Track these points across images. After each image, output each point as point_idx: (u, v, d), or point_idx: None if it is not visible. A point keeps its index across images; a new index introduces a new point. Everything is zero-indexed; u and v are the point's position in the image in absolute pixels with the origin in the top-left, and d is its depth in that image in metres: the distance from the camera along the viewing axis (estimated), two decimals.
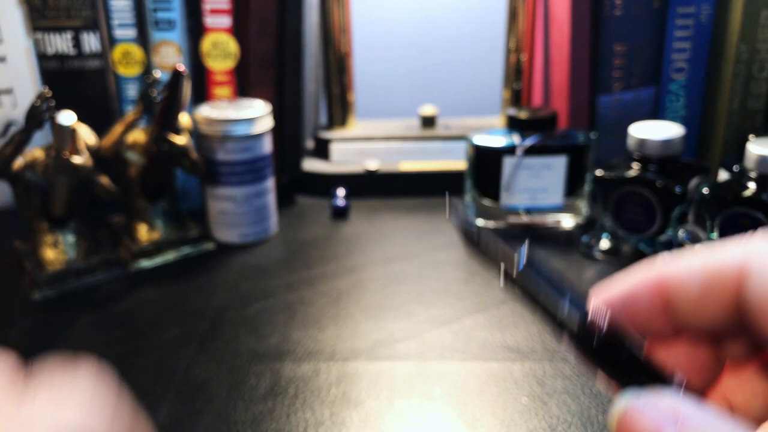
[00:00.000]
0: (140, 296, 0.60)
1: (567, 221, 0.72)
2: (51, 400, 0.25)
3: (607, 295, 0.24)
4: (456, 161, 0.79)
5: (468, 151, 0.71)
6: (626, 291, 0.24)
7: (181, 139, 0.63)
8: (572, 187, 0.70)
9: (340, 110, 0.84)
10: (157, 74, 0.65)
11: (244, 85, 0.75)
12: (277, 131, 0.73)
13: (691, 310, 0.23)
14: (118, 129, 0.64)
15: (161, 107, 0.62)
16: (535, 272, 0.22)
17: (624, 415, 0.21)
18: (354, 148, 0.82)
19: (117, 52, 0.72)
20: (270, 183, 0.70)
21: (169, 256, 0.66)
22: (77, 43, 0.72)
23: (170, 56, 0.72)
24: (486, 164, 0.70)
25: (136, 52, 0.72)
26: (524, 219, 0.72)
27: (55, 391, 0.26)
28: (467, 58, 0.96)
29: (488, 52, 0.90)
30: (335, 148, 0.82)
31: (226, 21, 0.72)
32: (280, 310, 0.58)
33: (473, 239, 0.23)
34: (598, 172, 0.64)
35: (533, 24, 0.78)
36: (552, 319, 0.23)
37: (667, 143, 0.61)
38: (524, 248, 0.23)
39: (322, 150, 0.83)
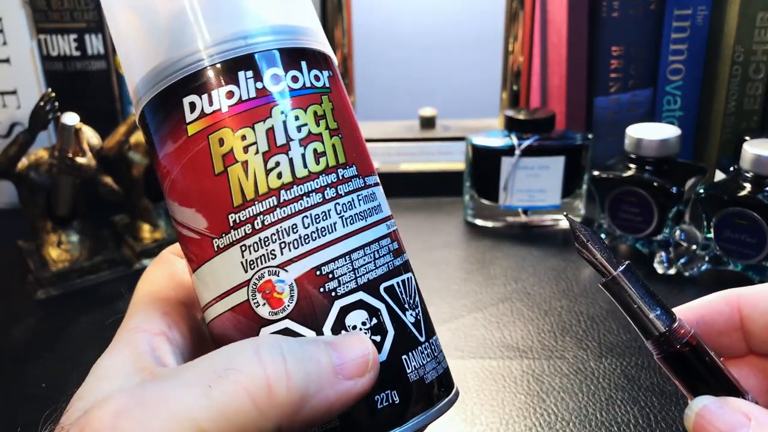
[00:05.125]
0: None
1: (564, 221, 0.72)
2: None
3: (690, 310, 0.26)
4: (455, 162, 0.80)
5: (467, 152, 0.72)
6: (706, 308, 0.26)
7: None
8: (570, 187, 0.71)
9: None
10: None
11: None
12: None
13: (763, 333, 0.25)
14: (121, 129, 0.65)
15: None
16: (632, 280, 0.25)
17: (700, 415, 0.22)
18: None
19: None
20: None
21: None
22: (81, 44, 0.73)
23: None
24: (484, 165, 0.71)
25: None
26: (523, 219, 0.73)
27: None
28: (466, 61, 0.97)
29: (487, 54, 0.90)
30: None
31: None
32: None
33: (580, 240, 0.25)
34: (596, 173, 0.64)
35: (532, 26, 0.79)
36: (639, 325, 0.25)
37: (663, 144, 0.61)
38: (623, 260, 0.26)
39: None
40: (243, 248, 0.24)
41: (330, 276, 0.24)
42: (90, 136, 0.63)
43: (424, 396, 0.25)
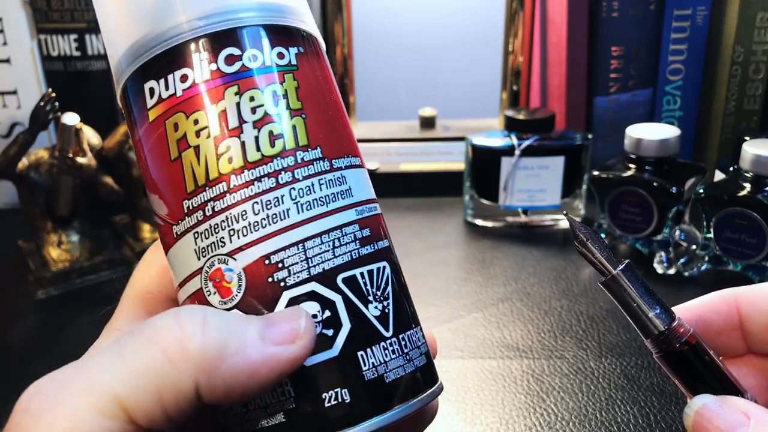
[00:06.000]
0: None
1: (564, 221, 0.72)
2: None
3: (688, 310, 0.26)
4: (455, 162, 0.80)
5: (467, 152, 0.72)
6: (705, 307, 0.26)
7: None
8: (569, 187, 0.71)
9: None
10: None
11: None
12: None
13: (761, 332, 0.25)
14: (121, 130, 0.65)
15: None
16: (632, 279, 0.25)
17: (700, 414, 0.23)
18: None
19: None
20: None
21: None
22: (81, 44, 0.73)
23: None
24: (484, 165, 0.71)
25: None
26: (523, 219, 0.73)
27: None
28: (466, 61, 0.97)
29: (487, 54, 0.90)
30: None
31: None
32: None
33: (580, 239, 0.25)
34: (595, 173, 0.64)
35: (532, 26, 0.79)
36: (639, 324, 0.25)
37: (663, 144, 0.61)
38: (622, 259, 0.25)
39: None
40: (196, 235, 0.24)
41: (279, 265, 0.23)
42: (90, 136, 0.63)
43: (381, 397, 0.24)
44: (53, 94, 0.58)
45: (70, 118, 0.58)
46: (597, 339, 0.53)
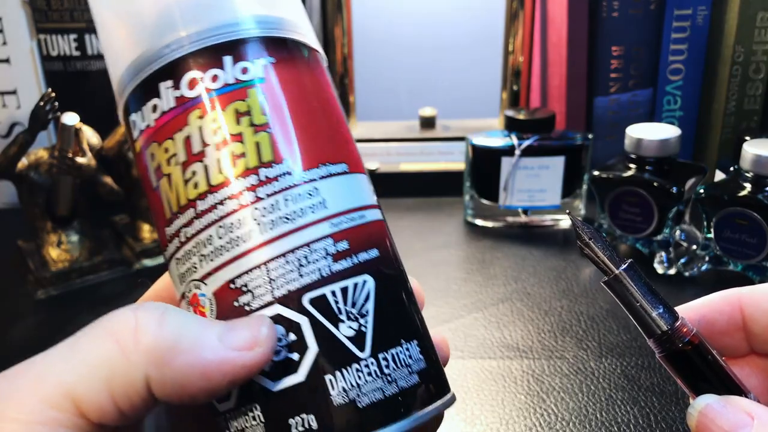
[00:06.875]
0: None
1: (565, 221, 0.72)
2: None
3: (691, 310, 0.26)
4: (455, 162, 0.80)
5: (467, 152, 0.72)
6: (708, 307, 0.26)
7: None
8: (570, 187, 0.71)
9: None
10: None
11: None
12: None
13: (765, 332, 0.25)
14: (121, 129, 0.65)
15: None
16: (635, 279, 0.24)
17: (704, 414, 0.22)
18: None
19: None
20: None
21: None
22: (81, 44, 0.73)
23: None
24: (485, 165, 0.71)
25: None
26: (523, 219, 0.73)
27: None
28: (466, 60, 0.97)
29: (487, 54, 0.90)
30: None
31: None
32: None
33: (582, 238, 0.25)
34: (596, 173, 0.64)
35: (532, 26, 0.79)
36: (642, 324, 0.24)
37: (663, 144, 0.61)
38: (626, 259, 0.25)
39: None
40: (176, 261, 0.24)
41: (243, 289, 0.22)
42: (90, 136, 0.63)
43: (352, 423, 0.22)
44: (53, 94, 0.58)
45: (70, 118, 0.58)
46: (597, 339, 0.53)
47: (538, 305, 0.58)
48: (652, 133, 0.62)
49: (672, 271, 0.61)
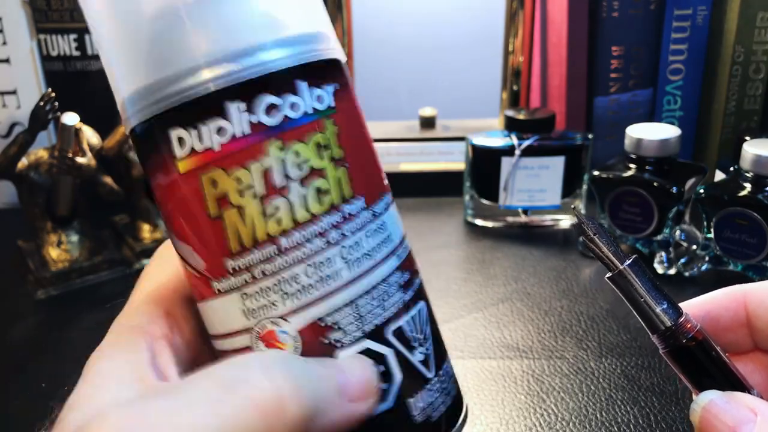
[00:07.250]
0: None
1: (565, 221, 0.72)
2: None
3: (695, 306, 0.26)
4: (455, 162, 0.80)
5: (467, 152, 0.72)
6: (712, 303, 0.26)
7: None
8: (570, 187, 0.71)
9: None
10: None
11: None
12: None
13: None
14: (121, 129, 0.65)
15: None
16: (639, 274, 0.25)
17: (707, 410, 0.23)
18: None
19: None
20: None
21: None
22: (81, 44, 0.73)
23: None
24: (485, 165, 0.71)
25: None
26: (523, 219, 0.73)
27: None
28: (466, 60, 0.97)
29: (487, 54, 0.90)
30: None
31: None
32: None
33: (587, 234, 0.25)
34: (596, 173, 0.64)
35: (532, 26, 0.79)
36: (646, 319, 0.25)
37: (663, 144, 0.61)
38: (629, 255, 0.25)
39: None
40: (244, 296, 0.23)
41: (334, 326, 0.23)
42: (90, 136, 0.63)
43: None
44: (53, 94, 0.58)
45: (70, 118, 0.58)
46: (597, 339, 0.53)
47: (538, 305, 0.58)
48: (652, 133, 0.62)
49: (672, 271, 0.61)
